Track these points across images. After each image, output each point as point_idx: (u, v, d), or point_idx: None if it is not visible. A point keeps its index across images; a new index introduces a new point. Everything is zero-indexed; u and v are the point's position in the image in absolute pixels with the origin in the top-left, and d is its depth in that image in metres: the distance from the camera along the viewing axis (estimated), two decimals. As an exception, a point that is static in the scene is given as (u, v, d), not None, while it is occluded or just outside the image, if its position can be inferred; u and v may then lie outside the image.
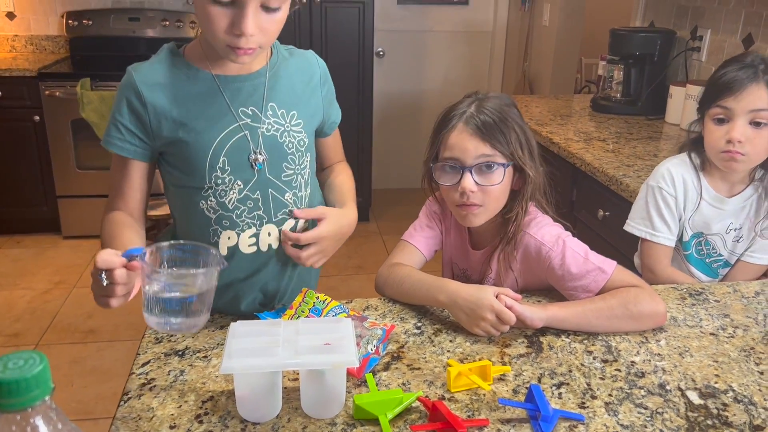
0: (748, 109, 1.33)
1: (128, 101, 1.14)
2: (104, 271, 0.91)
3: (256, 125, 1.18)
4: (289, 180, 1.22)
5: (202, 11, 1.05)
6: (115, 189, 1.19)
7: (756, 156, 1.37)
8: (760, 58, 1.36)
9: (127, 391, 0.98)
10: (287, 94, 1.21)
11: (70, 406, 2.41)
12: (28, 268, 3.42)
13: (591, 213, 2.20)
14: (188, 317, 0.89)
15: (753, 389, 1.01)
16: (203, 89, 1.15)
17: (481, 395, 0.98)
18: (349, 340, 0.91)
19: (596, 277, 1.19)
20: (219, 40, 1.06)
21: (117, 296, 0.93)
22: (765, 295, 1.31)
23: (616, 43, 2.85)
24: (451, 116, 1.25)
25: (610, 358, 1.09)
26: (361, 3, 3.72)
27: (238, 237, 1.21)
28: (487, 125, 1.21)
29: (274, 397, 0.91)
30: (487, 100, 1.25)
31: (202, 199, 1.18)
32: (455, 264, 1.43)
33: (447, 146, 1.24)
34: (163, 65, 1.16)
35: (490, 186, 1.22)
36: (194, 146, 1.14)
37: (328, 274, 3.31)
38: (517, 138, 1.23)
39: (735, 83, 1.34)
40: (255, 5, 1.03)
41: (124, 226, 1.14)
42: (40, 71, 3.46)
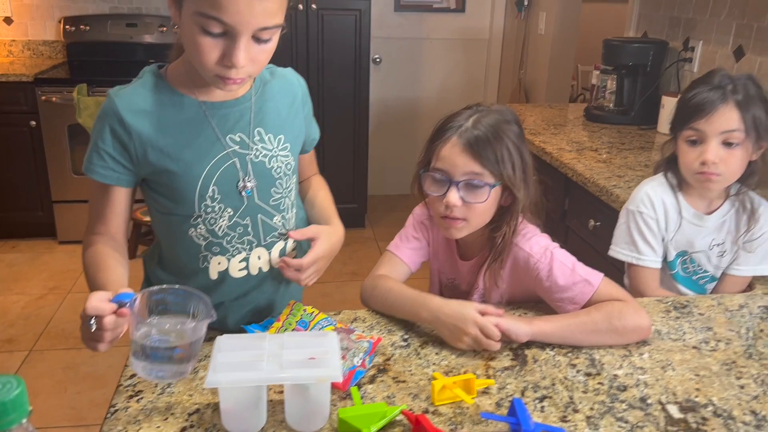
0: (719, 131, 1.35)
1: (111, 128, 1.10)
2: (94, 317, 0.91)
3: (245, 152, 1.17)
4: (278, 204, 1.23)
5: (192, 41, 1.02)
6: (96, 214, 1.17)
7: (731, 175, 1.39)
8: (728, 78, 1.37)
9: (114, 404, 0.99)
10: (273, 118, 1.21)
11: (64, 413, 2.41)
12: (23, 273, 3.43)
13: (582, 223, 2.22)
14: (174, 366, 0.90)
15: (733, 403, 1.03)
16: (189, 117, 1.13)
17: (465, 408, 1.00)
18: (333, 355, 0.93)
19: (583, 289, 1.20)
20: (208, 70, 1.04)
21: (105, 342, 0.93)
22: (748, 308, 1.32)
23: (609, 54, 2.87)
24: (447, 127, 1.24)
25: (594, 372, 1.10)
26: (358, 10, 3.74)
27: (228, 262, 1.21)
28: (479, 142, 1.20)
29: (258, 410, 0.92)
30: (486, 115, 1.24)
31: (191, 227, 1.17)
32: (443, 273, 1.43)
33: (438, 157, 1.24)
34: (147, 90, 1.13)
35: (475, 203, 1.22)
36: (183, 177, 1.13)
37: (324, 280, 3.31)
38: (510, 157, 1.21)
39: (705, 105, 1.35)
40: (247, 37, 1.01)
41: (109, 258, 1.12)
42: (36, 77, 3.47)
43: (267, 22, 1.00)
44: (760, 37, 2.39)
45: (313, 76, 3.80)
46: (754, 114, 1.34)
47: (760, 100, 1.36)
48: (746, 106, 1.34)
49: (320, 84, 3.82)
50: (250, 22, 0.98)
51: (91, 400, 2.48)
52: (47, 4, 3.95)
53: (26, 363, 2.70)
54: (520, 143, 1.24)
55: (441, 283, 1.45)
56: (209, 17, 0.97)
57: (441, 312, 1.15)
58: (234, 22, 0.98)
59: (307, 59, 3.76)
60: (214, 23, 0.98)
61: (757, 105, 1.35)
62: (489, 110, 1.26)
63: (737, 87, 1.35)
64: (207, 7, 0.96)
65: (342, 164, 4.01)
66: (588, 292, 1.20)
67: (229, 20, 0.97)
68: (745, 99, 1.34)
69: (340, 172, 4.02)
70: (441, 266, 1.43)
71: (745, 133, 1.34)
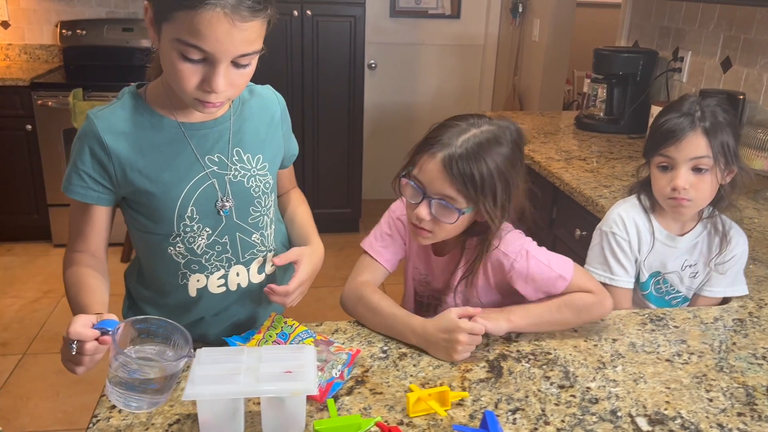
0: (688, 157, 1.37)
1: (91, 150, 1.12)
2: (75, 341, 0.92)
3: (223, 172, 1.19)
4: (256, 222, 1.25)
5: (171, 66, 1.03)
6: (76, 232, 1.19)
7: (702, 200, 1.41)
8: (697, 104, 1.39)
9: (96, 414, 1.01)
10: (252, 138, 1.23)
11: (55, 416, 2.44)
12: (17, 276, 3.46)
13: (569, 231, 2.24)
14: (149, 398, 0.92)
15: (701, 416, 1.05)
16: (169, 138, 1.15)
17: (439, 420, 1.02)
18: (309, 368, 0.95)
19: (557, 284, 1.26)
20: (188, 94, 1.05)
21: (83, 366, 0.95)
22: (723, 321, 1.35)
23: (599, 63, 2.90)
24: (437, 139, 1.19)
25: (567, 384, 1.13)
26: (353, 17, 3.77)
27: (207, 279, 1.24)
28: (460, 165, 1.16)
29: (235, 422, 0.95)
30: (479, 134, 1.19)
31: (170, 246, 1.19)
32: (416, 269, 1.42)
33: (419, 167, 1.22)
34: (126, 112, 1.14)
35: (443, 221, 1.21)
36: (162, 197, 1.15)
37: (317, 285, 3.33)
38: (491, 183, 1.17)
39: (675, 132, 1.37)
40: (226, 63, 1.02)
41: (90, 278, 1.14)
42: (32, 81, 3.50)
43: (246, 50, 1.02)
44: (747, 48, 2.43)
45: (308, 82, 3.83)
46: (722, 140, 1.36)
47: (728, 126, 1.38)
48: (714, 133, 1.36)
49: (315, 89, 3.85)
50: (229, 50, 1.00)
51: (82, 404, 2.50)
52: (44, 8, 3.98)
53: (19, 366, 2.73)
54: (508, 167, 1.20)
55: (414, 279, 1.44)
56: (188, 45, 0.99)
57: (427, 333, 1.18)
58: (214, 50, 0.99)
59: (302, 65, 3.79)
60: (193, 50, 0.99)
61: (725, 131, 1.37)
62: (487, 126, 1.21)
63: (705, 114, 1.37)
64: (186, 35, 0.98)
65: (336, 169, 4.04)
66: (562, 287, 1.26)
67: (208, 48, 0.99)
68: (713, 126, 1.36)
69: (335, 176, 4.05)
70: (414, 262, 1.42)
71: (714, 159, 1.36)
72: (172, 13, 0.98)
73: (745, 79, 2.44)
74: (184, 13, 0.97)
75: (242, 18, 0.98)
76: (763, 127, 2.06)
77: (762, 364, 1.20)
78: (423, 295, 1.44)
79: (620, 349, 1.24)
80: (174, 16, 0.98)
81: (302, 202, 1.44)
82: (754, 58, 2.40)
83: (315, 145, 3.96)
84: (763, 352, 1.25)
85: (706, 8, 2.64)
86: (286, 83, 3.79)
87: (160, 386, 0.92)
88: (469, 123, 1.21)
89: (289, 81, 3.80)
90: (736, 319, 1.36)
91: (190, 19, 0.97)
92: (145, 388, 0.91)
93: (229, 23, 0.98)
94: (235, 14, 0.97)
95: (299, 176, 4.08)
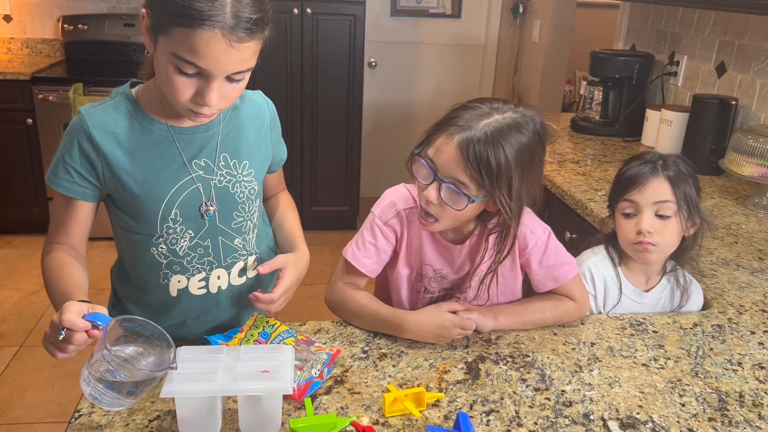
0: (652, 201, 1.39)
1: (80, 146, 1.13)
2: (65, 328, 0.94)
3: (209, 177, 1.20)
4: (239, 227, 1.27)
5: (166, 77, 1.04)
6: (58, 224, 1.20)
7: (666, 246, 1.42)
8: (658, 155, 1.43)
9: (79, 409, 1.04)
10: (240, 144, 1.24)
11: (50, 408, 2.47)
12: (16, 268, 3.49)
13: (560, 234, 2.25)
14: (121, 398, 0.94)
15: (672, 420, 1.07)
16: (157, 141, 1.16)
17: (414, 421, 1.04)
18: (286, 368, 0.97)
19: (567, 270, 1.32)
20: (181, 105, 1.07)
21: (67, 353, 0.97)
22: (702, 327, 1.37)
23: (596, 65, 2.91)
24: (457, 119, 1.14)
25: (542, 387, 1.15)
26: (353, 15, 3.79)
27: (188, 281, 1.26)
28: (475, 151, 1.11)
29: (213, 418, 0.97)
30: (501, 120, 1.13)
31: (152, 246, 1.21)
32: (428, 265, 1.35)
33: (435, 147, 1.16)
34: (118, 113, 1.15)
35: (451, 207, 1.17)
36: (147, 199, 1.16)
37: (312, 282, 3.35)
38: (507, 173, 1.13)
39: (638, 177, 1.40)
40: (221, 80, 1.04)
41: (71, 266, 1.15)
42: (33, 75, 3.52)
43: (241, 68, 1.04)
44: (741, 54, 2.44)
45: (308, 80, 3.85)
46: (684, 190, 1.38)
47: (690, 177, 1.40)
48: (677, 182, 1.38)
49: (314, 87, 3.87)
50: (224, 68, 1.02)
51: (77, 396, 2.51)
52: (46, 2, 4.00)
53: (16, 358, 2.76)
54: (527, 159, 1.15)
55: (427, 277, 1.37)
56: (184, 61, 1.00)
57: (422, 328, 1.23)
58: (209, 68, 1.01)
59: (302, 63, 3.81)
60: (188, 66, 1.01)
61: (687, 182, 1.40)
62: (511, 114, 1.15)
63: (668, 163, 1.40)
64: (183, 52, 0.99)
65: (335, 167, 4.06)
66: (570, 274, 1.31)
67: (204, 66, 1.01)
68: (676, 175, 1.39)
69: (333, 174, 4.07)
70: (425, 259, 1.35)
71: (677, 205, 1.38)
72: (169, 27, 1.00)
73: (739, 85, 2.45)
74: (182, 30, 0.98)
75: (239, 39, 1.00)
76: (753, 133, 2.08)
77: (737, 370, 1.22)
78: (434, 291, 1.40)
79: (598, 353, 1.26)
80: (172, 31, 1.00)
81: (291, 207, 1.45)
82: (747, 64, 2.41)
83: (314, 142, 3.98)
84: (738, 358, 1.26)
85: (702, 14, 2.65)
86: (286, 81, 3.81)
87: (136, 390, 0.94)
88: (493, 107, 1.15)
89: (288, 79, 3.82)
90: (715, 325, 1.38)
91: (188, 37, 0.98)
92: (121, 389, 0.93)
93: (226, 44, 0.99)
94: (232, 35, 0.99)
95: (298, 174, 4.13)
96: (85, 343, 0.97)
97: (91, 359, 0.94)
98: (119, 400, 0.94)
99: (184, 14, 0.97)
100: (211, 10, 0.97)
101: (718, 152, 2.34)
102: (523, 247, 1.32)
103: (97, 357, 0.93)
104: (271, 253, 1.42)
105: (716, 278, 1.58)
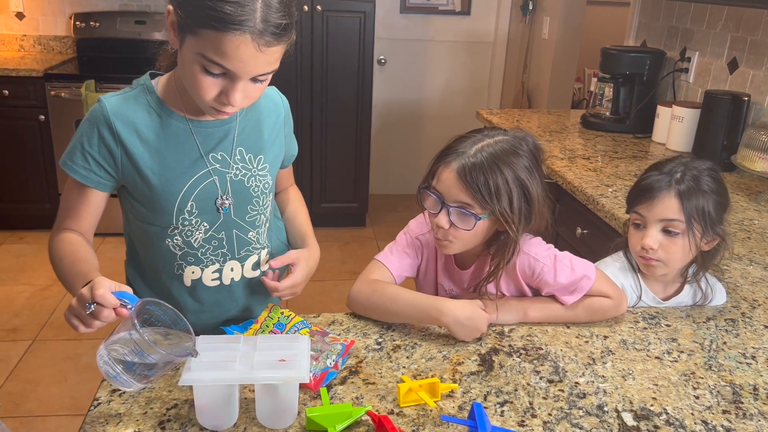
0: (658, 218, 1.35)
1: (100, 134, 1.14)
2: (95, 303, 0.94)
3: (225, 170, 1.21)
4: (253, 220, 1.28)
5: (191, 75, 1.05)
6: (68, 209, 1.20)
7: (672, 262, 1.39)
8: (683, 165, 1.37)
9: (98, 397, 1.05)
10: (256, 139, 1.26)
11: (63, 402, 2.49)
12: (29, 263, 3.51)
13: (570, 230, 2.26)
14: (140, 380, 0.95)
15: (686, 413, 1.08)
16: (176, 133, 1.17)
17: (428, 411, 1.05)
18: (302, 357, 0.98)
19: (583, 284, 1.30)
20: (204, 103, 1.08)
21: (90, 328, 0.98)
22: (715, 321, 1.37)
23: (606, 62, 2.91)
24: (452, 150, 1.24)
25: (556, 379, 1.15)
26: (363, 12, 3.79)
27: (201, 272, 1.27)
28: (474, 172, 1.19)
29: (230, 407, 0.98)
30: (493, 144, 1.23)
31: (168, 237, 1.22)
32: (440, 285, 1.43)
33: (437, 178, 1.25)
34: (138, 104, 1.16)
35: (462, 229, 1.24)
36: (163, 190, 1.17)
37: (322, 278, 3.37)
38: (507, 191, 1.20)
39: (649, 191, 1.36)
40: (246, 81, 1.05)
41: (85, 249, 1.16)
42: (46, 72, 3.55)
43: (266, 70, 1.06)
44: (753, 50, 2.43)
45: (317, 77, 3.86)
46: (697, 206, 1.33)
47: (710, 193, 1.34)
48: (688, 197, 1.33)
49: (324, 84, 3.88)
50: (251, 71, 1.04)
51: (90, 390, 2.55)
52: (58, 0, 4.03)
53: (29, 352, 2.78)
54: (526, 176, 1.22)
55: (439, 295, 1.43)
56: (212, 62, 1.02)
57: (461, 316, 1.22)
58: (236, 70, 1.03)
59: (312, 60, 3.82)
60: (216, 67, 1.02)
61: (703, 197, 1.33)
62: (501, 137, 1.25)
63: (685, 176, 1.34)
64: (211, 53, 1.01)
65: (344, 163, 4.07)
66: (587, 286, 1.30)
67: (231, 68, 1.02)
68: (689, 190, 1.33)
69: (342, 170, 4.09)
70: (440, 280, 1.42)
71: (686, 223, 1.33)
72: (199, 28, 1.00)
73: (752, 81, 2.44)
74: (212, 32, 0.99)
75: (267, 43, 1.01)
76: (766, 129, 2.07)
77: (751, 364, 1.22)
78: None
79: (611, 345, 1.26)
80: (201, 32, 1.00)
81: (301, 202, 1.47)
82: (760, 60, 2.40)
83: (323, 139, 4.00)
84: (752, 351, 1.26)
85: (713, 9, 2.64)
86: (296, 78, 3.82)
87: (152, 374, 0.95)
88: (484, 134, 1.26)
89: (298, 76, 3.83)
90: (729, 319, 1.38)
91: (217, 39, 0.99)
92: (142, 370, 0.94)
93: (255, 48, 1.00)
94: (260, 39, 1.00)
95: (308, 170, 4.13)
96: (110, 321, 0.97)
97: (110, 337, 0.95)
98: (137, 381, 0.95)
99: (214, 17, 0.98)
100: (242, 15, 0.98)
101: (730, 148, 2.33)
102: (529, 275, 1.32)
103: (121, 336, 0.94)
104: (283, 247, 1.44)
105: (729, 273, 1.58)
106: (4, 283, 3.32)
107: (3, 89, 3.52)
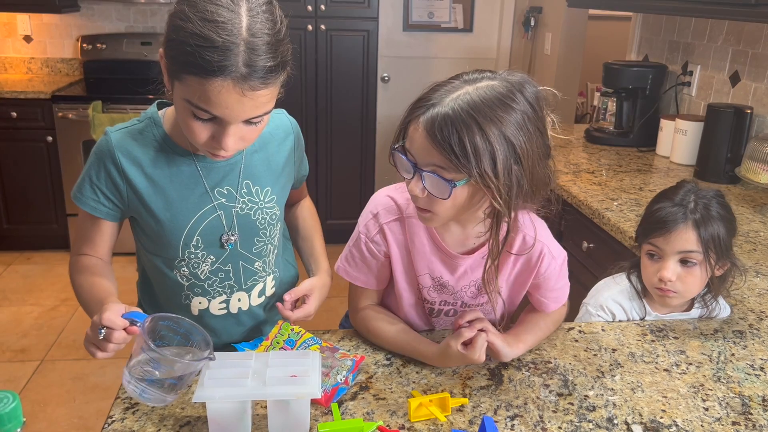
0: (676, 250, 1.35)
1: (106, 168, 1.15)
2: (105, 327, 0.97)
3: (231, 204, 1.21)
4: (260, 251, 1.28)
5: (183, 121, 1.04)
6: (83, 238, 1.23)
7: (688, 292, 1.39)
8: (693, 193, 1.37)
9: (111, 415, 1.06)
10: (263, 170, 1.24)
11: (71, 422, 2.50)
12: (37, 284, 3.53)
13: (576, 244, 2.27)
14: (162, 394, 0.97)
15: (696, 425, 1.08)
16: (182, 169, 1.17)
17: (439, 425, 1.06)
18: (313, 373, 0.99)
19: (566, 291, 1.32)
20: (198, 146, 1.07)
21: (107, 352, 1.00)
22: (723, 333, 1.37)
23: (609, 77, 2.93)
24: (425, 101, 1.02)
25: (566, 392, 1.16)
26: (366, 31, 3.84)
27: (209, 302, 1.28)
28: (445, 128, 0.97)
29: (243, 423, 0.99)
30: (471, 90, 1.00)
31: (174, 268, 1.24)
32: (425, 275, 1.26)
33: (408, 137, 1.05)
34: (145, 138, 1.16)
35: (437, 197, 1.04)
36: (169, 226, 1.18)
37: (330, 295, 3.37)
38: (490, 150, 0.97)
39: (666, 223, 1.34)
40: (236, 125, 1.02)
41: (102, 275, 1.19)
42: (53, 94, 3.59)
43: (257, 112, 1.02)
44: (755, 63, 2.45)
45: (322, 95, 3.90)
46: (712, 232, 1.33)
47: (720, 220, 1.34)
48: (705, 226, 1.33)
49: (328, 102, 3.92)
50: (239, 115, 1.00)
51: (98, 410, 2.56)
52: (65, 23, 4.08)
53: (38, 373, 2.79)
54: (513, 130, 0.98)
55: (423, 287, 1.28)
56: (198, 108, 0.99)
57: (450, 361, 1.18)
58: (222, 115, 0.99)
59: (316, 78, 3.86)
60: (203, 112, 0.99)
61: (716, 224, 1.33)
62: (487, 82, 1.01)
63: (698, 206, 1.34)
64: (196, 99, 0.98)
65: (349, 181, 4.09)
66: (566, 295, 1.32)
67: (217, 113, 0.99)
68: (704, 218, 1.33)
69: (348, 188, 4.11)
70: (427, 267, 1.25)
71: (704, 253, 1.33)
72: (183, 74, 0.98)
73: (753, 93, 2.46)
74: (195, 78, 0.96)
75: (252, 88, 0.97)
76: (769, 141, 2.08)
77: (759, 375, 1.23)
78: (434, 302, 1.31)
79: (619, 358, 1.27)
80: (184, 78, 0.98)
81: (315, 219, 1.46)
82: (762, 73, 2.42)
83: (328, 156, 4.02)
84: (761, 363, 1.27)
85: (714, 23, 2.66)
86: (300, 96, 3.86)
87: (177, 385, 0.97)
88: (464, 80, 1.03)
89: (303, 94, 3.87)
90: (736, 331, 1.38)
91: (200, 85, 0.96)
92: (163, 382, 0.96)
93: (239, 93, 0.96)
94: (245, 84, 0.96)
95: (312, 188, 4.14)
96: (125, 342, 0.99)
97: (130, 360, 0.97)
98: (162, 394, 0.96)
99: (195, 64, 0.95)
100: (223, 61, 0.94)
101: (734, 161, 2.34)
102: (541, 271, 1.24)
103: (138, 354, 0.95)
104: (289, 267, 1.44)
105: (735, 285, 1.58)
106: (13, 303, 3.34)
107: (11, 111, 3.57)
